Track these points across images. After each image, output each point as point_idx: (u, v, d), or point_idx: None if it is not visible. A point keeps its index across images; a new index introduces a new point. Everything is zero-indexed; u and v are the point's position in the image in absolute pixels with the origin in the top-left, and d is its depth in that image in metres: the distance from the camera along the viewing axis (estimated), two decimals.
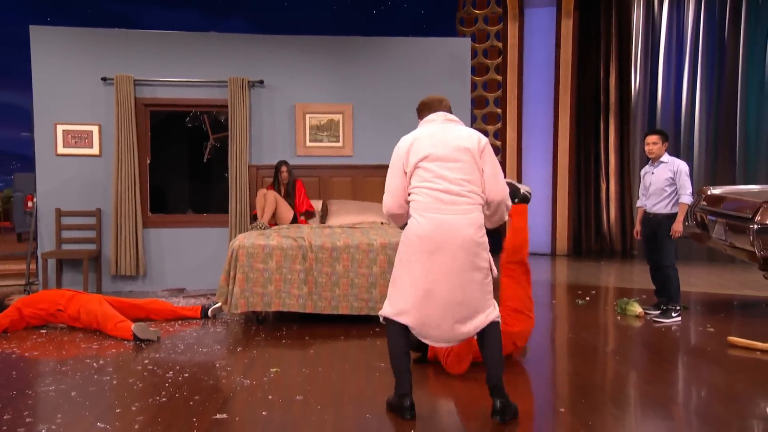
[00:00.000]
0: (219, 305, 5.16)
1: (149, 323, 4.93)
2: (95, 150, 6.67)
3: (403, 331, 3.07)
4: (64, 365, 3.96)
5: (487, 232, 3.08)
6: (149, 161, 6.87)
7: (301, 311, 4.91)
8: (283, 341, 4.59)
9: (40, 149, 6.61)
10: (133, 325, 4.50)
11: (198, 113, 8.73)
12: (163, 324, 5.07)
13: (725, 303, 5.93)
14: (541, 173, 9.67)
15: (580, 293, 6.38)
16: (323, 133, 7.01)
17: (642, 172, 5.48)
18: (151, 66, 6.74)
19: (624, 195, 9.56)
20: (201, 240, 6.87)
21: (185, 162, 9.75)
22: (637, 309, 5.30)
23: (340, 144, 7.02)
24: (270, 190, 6.32)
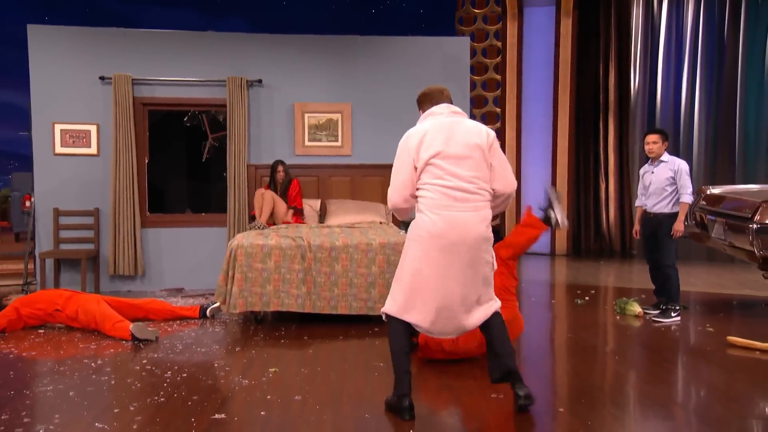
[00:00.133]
0: (217, 305, 5.15)
1: (147, 323, 4.92)
2: (93, 149, 6.66)
3: (406, 330, 3.07)
4: (62, 365, 3.95)
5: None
6: (147, 161, 6.86)
7: (300, 311, 4.90)
8: (282, 341, 4.58)
9: (37, 149, 6.60)
10: (132, 325, 4.49)
11: (196, 113, 8.71)
12: (162, 324, 5.06)
13: (725, 303, 5.93)
14: (540, 173, 9.67)
15: (579, 293, 6.38)
16: (322, 133, 7.00)
17: (641, 171, 5.46)
18: (150, 65, 6.73)
19: (623, 194, 9.56)
20: (199, 240, 6.85)
21: (184, 161, 9.73)
22: (637, 309, 5.30)
23: (338, 143, 7.01)
24: (267, 190, 6.32)
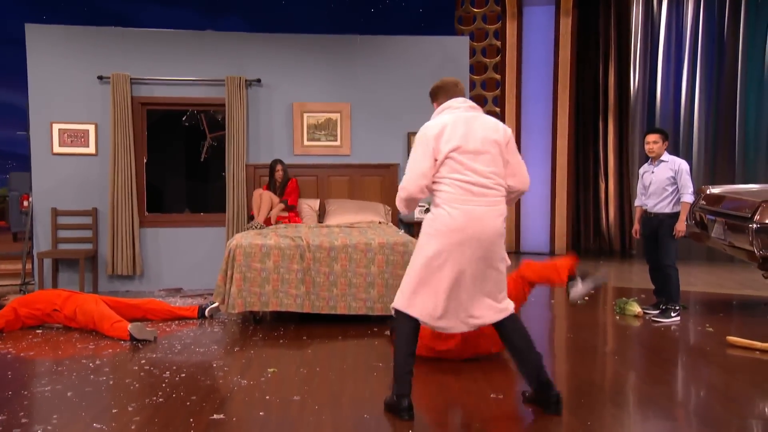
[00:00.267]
0: (216, 305, 5.14)
1: (146, 323, 4.91)
2: (91, 149, 6.64)
3: (414, 330, 3.06)
4: (60, 365, 3.93)
5: None
6: (146, 160, 6.84)
7: (299, 311, 4.89)
8: (281, 341, 4.57)
9: (35, 148, 6.58)
10: (130, 325, 4.48)
11: (195, 112, 8.69)
12: (160, 324, 5.04)
13: (724, 303, 5.92)
14: (540, 173, 9.65)
15: None
16: (321, 132, 6.99)
17: (641, 171, 5.46)
18: (148, 65, 6.71)
19: (623, 194, 9.55)
20: (198, 239, 6.84)
21: (182, 161, 9.71)
22: (636, 309, 5.29)
23: (337, 143, 7.00)
24: (265, 190, 6.30)
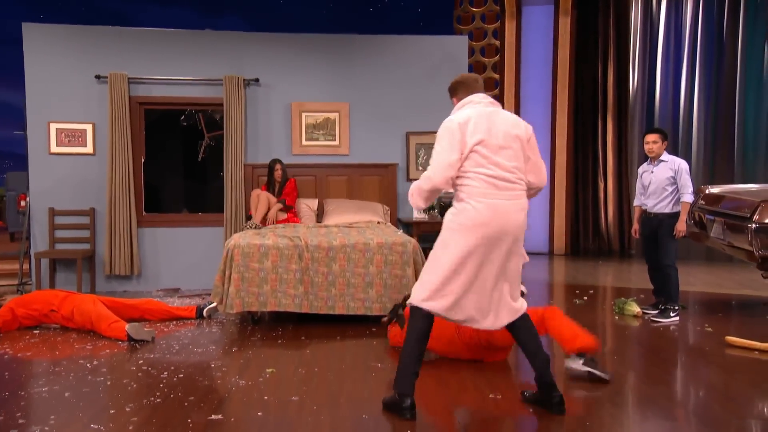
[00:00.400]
0: (214, 305, 5.13)
1: (144, 323, 4.89)
2: (89, 149, 6.63)
3: (428, 330, 3.05)
4: (57, 366, 3.92)
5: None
6: (144, 160, 6.83)
7: (297, 311, 4.88)
8: (279, 341, 4.56)
9: (33, 148, 6.56)
10: (128, 326, 4.46)
11: (193, 112, 8.67)
12: (158, 324, 5.03)
13: (723, 303, 5.92)
14: None
15: (578, 293, 6.36)
16: (319, 132, 6.97)
17: (640, 170, 5.45)
18: (146, 64, 6.70)
19: (622, 194, 9.55)
20: (196, 239, 6.83)
21: (180, 161, 9.69)
22: (635, 309, 5.28)
23: (336, 143, 6.99)
24: (263, 190, 6.29)
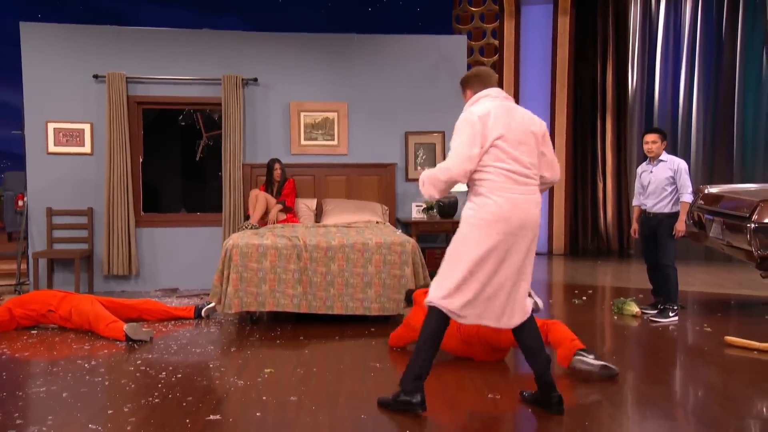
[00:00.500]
0: (212, 305, 5.12)
1: (142, 323, 4.88)
2: (87, 148, 6.61)
3: (444, 331, 3.05)
4: (55, 366, 3.91)
5: None
6: (142, 160, 6.82)
7: (296, 311, 4.87)
8: (278, 341, 4.55)
9: (30, 147, 6.55)
10: (126, 326, 4.45)
11: (191, 111, 8.66)
12: (156, 324, 5.02)
13: (722, 302, 5.92)
14: None
15: (576, 293, 6.36)
16: (318, 132, 6.96)
17: (639, 170, 5.44)
18: (144, 63, 6.68)
19: (621, 194, 9.55)
20: (194, 239, 6.81)
21: (178, 160, 9.67)
22: (634, 308, 5.28)
23: (335, 142, 6.98)
24: (262, 190, 6.28)
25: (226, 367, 3.89)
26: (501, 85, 9.75)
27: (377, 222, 6.15)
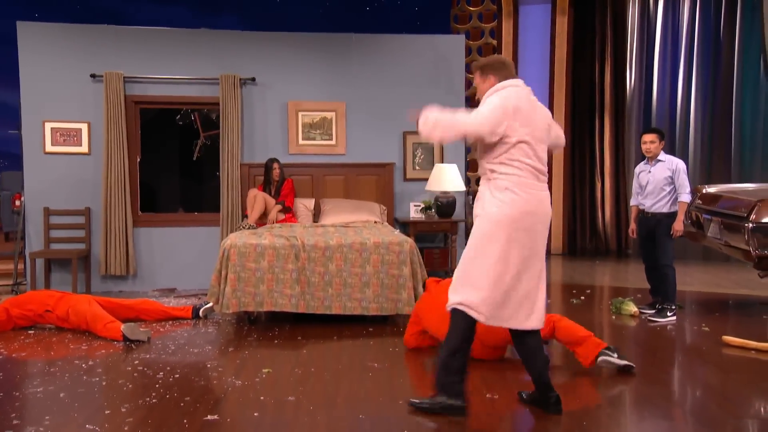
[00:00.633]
0: (210, 305, 5.11)
1: (139, 324, 4.86)
2: (84, 148, 6.59)
3: (473, 328, 2.99)
4: (52, 366, 3.90)
5: None
6: (139, 159, 6.80)
7: (294, 311, 4.87)
8: (276, 341, 4.55)
9: (27, 147, 6.53)
10: (123, 326, 4.44)
11: (189, 111, 8.64)
12: (154, 324, 5.01)
13: (720, 302, 5.92)
14: None
15: (575, 292, 6.37)
16: (316, 131, 6.95)
17: (636, 170, 5.44)
18: (142, 63, 6.67)
19: (619, 194, 9.55)
20: (192, 239, 6.80)
21: (176, 160, 9.65)
22: (632, 308, 5.28)
23: (333, 142, 6.97)
24: (260, 190, 6.27)
25: (223, 367, 3.88)
26: None
27: (375, 222, 6.14)
